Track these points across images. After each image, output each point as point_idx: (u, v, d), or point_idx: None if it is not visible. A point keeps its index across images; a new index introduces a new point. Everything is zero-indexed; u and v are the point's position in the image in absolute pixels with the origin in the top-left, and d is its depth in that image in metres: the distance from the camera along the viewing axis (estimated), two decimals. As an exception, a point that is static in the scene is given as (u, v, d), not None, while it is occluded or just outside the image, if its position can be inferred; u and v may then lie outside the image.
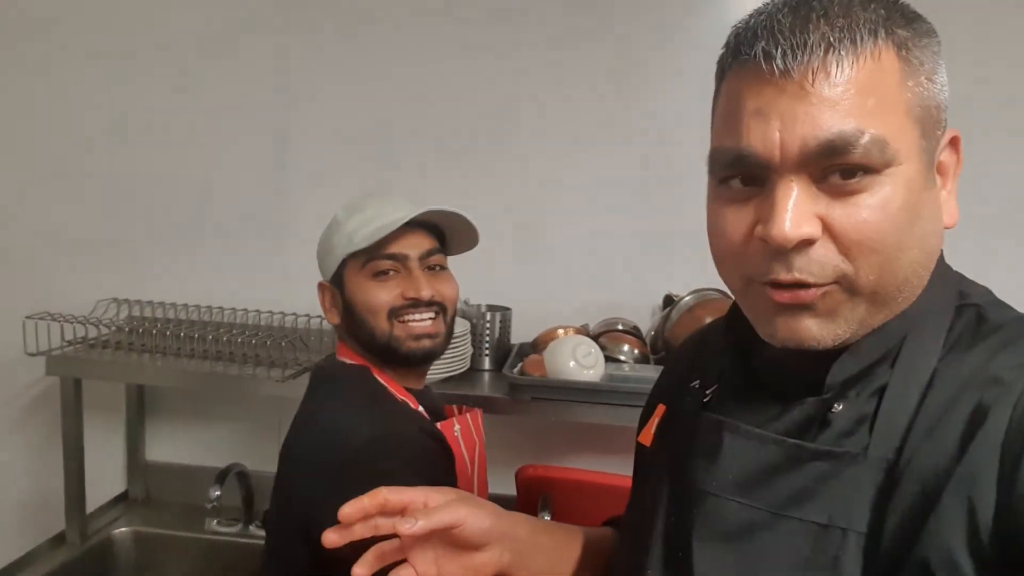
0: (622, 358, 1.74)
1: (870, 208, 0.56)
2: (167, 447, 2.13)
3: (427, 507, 0.72)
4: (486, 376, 1.84)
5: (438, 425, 1.23)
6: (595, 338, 1.74)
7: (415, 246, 1.22)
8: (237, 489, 1.95)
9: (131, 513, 2.03)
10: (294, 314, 1.97)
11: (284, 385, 1.74)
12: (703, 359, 0.78)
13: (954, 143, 0.63)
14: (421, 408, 1.24)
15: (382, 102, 1.98)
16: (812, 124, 0.55)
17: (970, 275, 0.68)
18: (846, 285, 0.58)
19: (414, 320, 1.21)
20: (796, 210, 0.56)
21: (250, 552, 1.88)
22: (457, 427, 1.28)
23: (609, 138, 1.91)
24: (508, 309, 1.90)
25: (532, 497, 1.76)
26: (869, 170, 0.56)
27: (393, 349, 1.21)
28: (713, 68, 0.64)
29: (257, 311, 2.00)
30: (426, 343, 1.22)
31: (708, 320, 1.69)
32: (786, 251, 0.57)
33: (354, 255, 1.21)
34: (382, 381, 1.23)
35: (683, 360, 0.85)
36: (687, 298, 1.76)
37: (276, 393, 1.79)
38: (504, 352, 1.87)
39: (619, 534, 0.85)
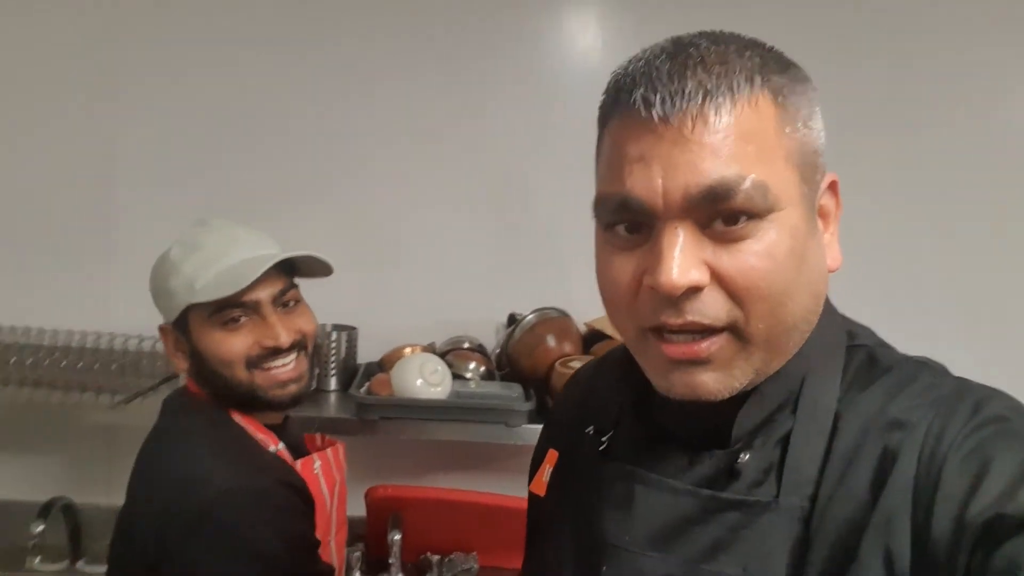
0: (468, 375, 1.77)
1: (756, 254, 0.55)
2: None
3: None
4: (332, 397, 1.82)
5: (299, 462, 1.18)
6: (442, 356, 1.76)
7: (266, 289, 1.13)
8: (63, 524, 1.81)
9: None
10: (124, 335, 1.85)
11: (114, 412, 1.65)
12: (594, 404, 0.76)
13: (833, 187, 0.63)
14: (282, 444, 1.18)
15: (213, 107, 1.91)
16: (693, 171, 0.54)
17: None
18: (737, 334, 0.57)
19: (276, 367, 1.14)
20: (683, 256, 0.55)
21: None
22: (318, 463, 1.23)
23: (456, 160, 1.94)
24: (354, 329, 1.89)
25: (382, 517, 1.76)
26: (752, 215, 0.55)
27: (257, 397, 1.14)
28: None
29: (80, 332, 1.86)
30: (292, 388, 1.16)
31: (550, 338, 1.80)
32: (675, 298, 0.56)
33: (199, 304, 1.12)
34: (239, 420, 1.16)
35: (571, 404, 0.82)
36: (529, 317, 1.82)
37: (105, 421, 1.70)
38: (350, 372, 1.86)
39: None
